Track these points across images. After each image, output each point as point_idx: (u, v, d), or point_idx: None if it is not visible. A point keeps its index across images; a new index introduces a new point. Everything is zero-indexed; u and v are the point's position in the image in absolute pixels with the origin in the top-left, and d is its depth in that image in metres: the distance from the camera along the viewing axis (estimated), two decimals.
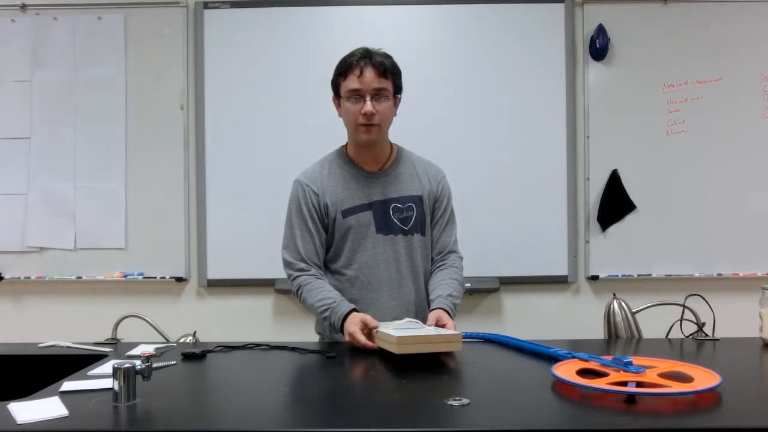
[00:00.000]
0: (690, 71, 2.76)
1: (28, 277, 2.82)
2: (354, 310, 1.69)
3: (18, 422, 1.02)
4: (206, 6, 2.78)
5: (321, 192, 1.82)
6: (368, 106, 1.73)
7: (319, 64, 2.69)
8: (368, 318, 1.64)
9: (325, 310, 1.72)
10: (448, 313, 1.71)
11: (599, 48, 2.74)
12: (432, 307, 1.76)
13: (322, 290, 1.77)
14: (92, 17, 2.81)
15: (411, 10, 2.78)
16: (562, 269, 2.78)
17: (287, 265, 1.83)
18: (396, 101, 1.83)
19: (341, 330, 1.67)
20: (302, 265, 1.81)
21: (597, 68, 2.78)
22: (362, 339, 1.58)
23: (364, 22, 2.76)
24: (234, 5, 2.78)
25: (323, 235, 1.84)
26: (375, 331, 1.57)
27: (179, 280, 2.81)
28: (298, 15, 2.77)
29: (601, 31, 2.73)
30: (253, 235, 2.76)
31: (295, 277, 1.81)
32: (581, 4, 2.79)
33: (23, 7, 2.81)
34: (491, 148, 2.77)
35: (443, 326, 1.63)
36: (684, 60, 2.77)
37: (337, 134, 1.94)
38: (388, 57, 1.79)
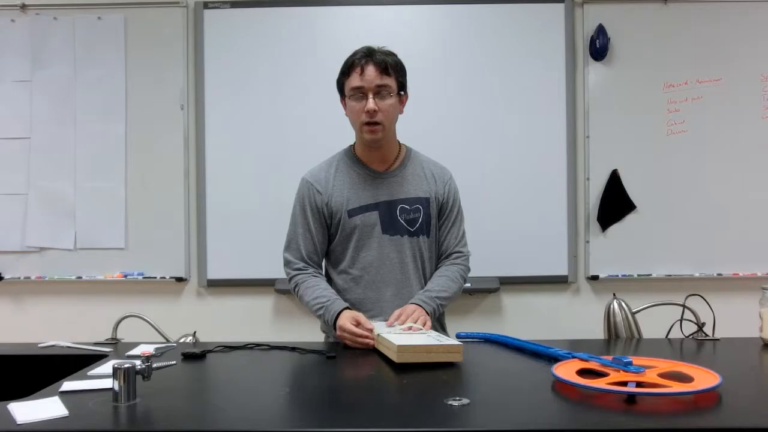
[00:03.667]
0: (690, 71, 2.76)
1: (28, 277, 2.82)
2: (347, 308, 1.70)
3: (18, 422, 1.02)
4: (206, 6, 2.78)
5: (325, 191, 1.83)
6: (370, 103, 1.73)
7: (319, 64, 2.72)
8: (361, 316, 1.65)
9: (320, 308, 1.74)
10: (423, 309, 1.71)
11: (599, 48, 2.73)
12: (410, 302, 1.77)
13: (317, 288, 1.78)
14: (92, 17, 2.80)
15: (411, 10, 2.77)
16: (562, 269, 2.78)
17: (286, 263, 1.86)
18: (401, 99, 1.82)
19: (335, 327, 1.68)
20: (300, 264, 1.83)
21: (597, 68, 2.78)
22: (352, 327, 1.60)
23: (364, 22, 2.76)
24: (234, 5, 2.78)
25: (325, 234, 1.85)
26: (377, 334, 1.56)
27: (179, 280, 2.81)
28: (298, 15, 2.77)
29: (601, 31, 2.73)
30: (253, 235, 2.76)
31: (292, 276, 1.84)
32: (581, 4, 2.78)
33: (23, 7, 2.81)
34: (491, 148, 2.77)
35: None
36: (684, 60, 2.77)
37: (338, 134, 1.94)
38: (391, 54, 1.79)
